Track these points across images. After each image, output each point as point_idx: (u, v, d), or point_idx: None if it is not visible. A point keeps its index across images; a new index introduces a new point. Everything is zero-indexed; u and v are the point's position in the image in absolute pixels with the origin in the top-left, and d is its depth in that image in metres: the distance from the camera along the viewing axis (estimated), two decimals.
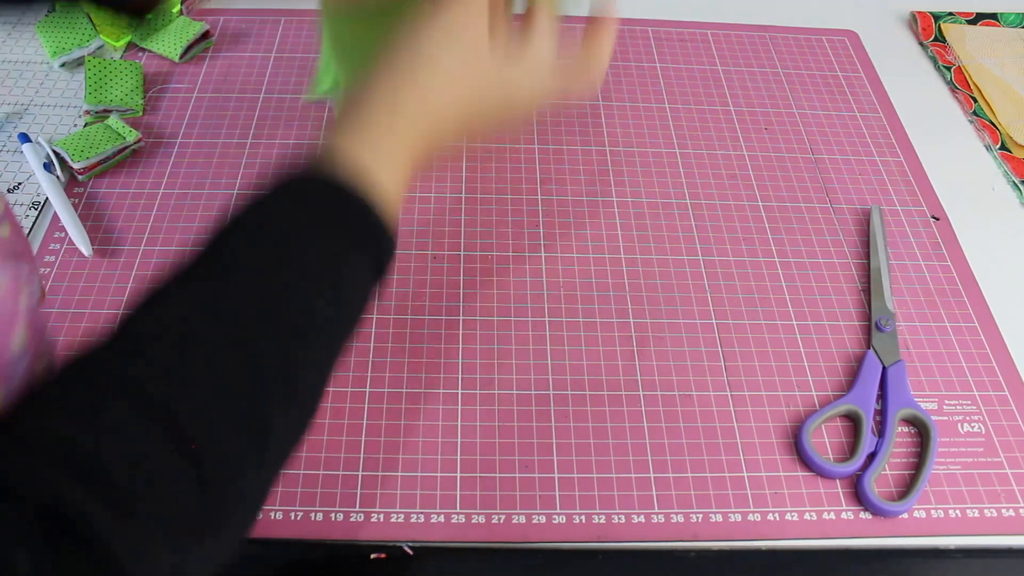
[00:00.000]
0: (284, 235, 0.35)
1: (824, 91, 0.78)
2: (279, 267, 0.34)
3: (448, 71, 0.40)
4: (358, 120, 0.39)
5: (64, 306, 0.57)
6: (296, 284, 0.34)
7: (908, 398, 0.55)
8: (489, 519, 0.49)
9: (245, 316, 0.33)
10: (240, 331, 0.32)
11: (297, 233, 0.35)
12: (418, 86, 0.39)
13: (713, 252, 0.64)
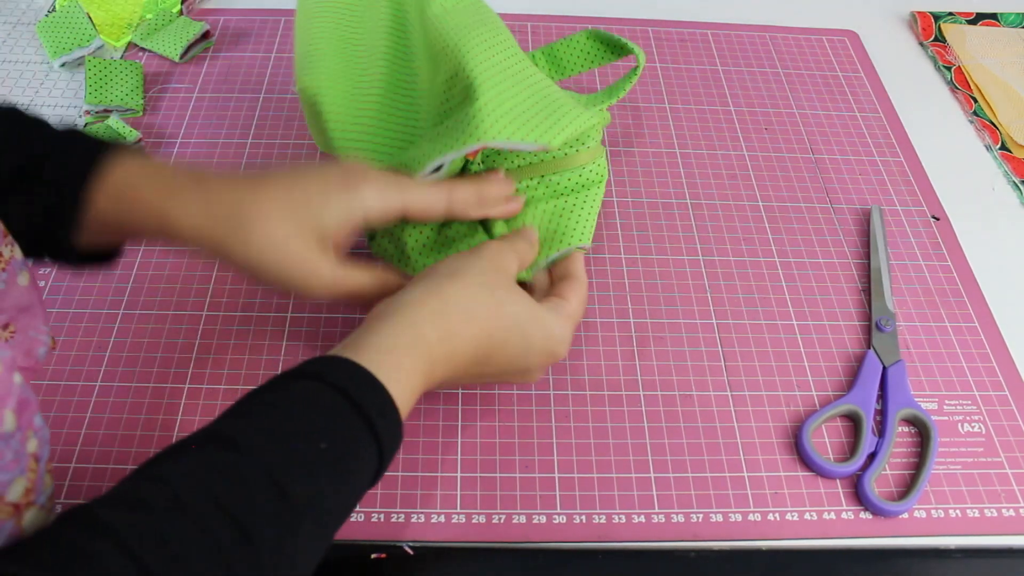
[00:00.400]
0: (299, 423, 0.36)
1: (824, 91, 0.78)
2: (290, 450, 0.35)
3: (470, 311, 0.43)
4: (382, 335, 0.41)
5: (64, 306, 0.57)
6: (303, 469, 0.35)
7: (908, 398, 0.55)
8: (489, 519, 0.49)
9: (252, 490, 0.33)
10: (245, 505, 0.32)
11: (311, 424, 0.36)
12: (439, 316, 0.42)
13: (713, 252, 0.64)
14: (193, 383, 0.54)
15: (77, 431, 0.51)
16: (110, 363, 0.54)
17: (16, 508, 0.30)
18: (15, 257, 0.38)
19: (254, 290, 0.59)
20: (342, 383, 0.37)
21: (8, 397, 0.28)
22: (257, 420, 0.36)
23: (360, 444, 0.37)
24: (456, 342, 0.42)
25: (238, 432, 0.35)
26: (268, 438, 0.35)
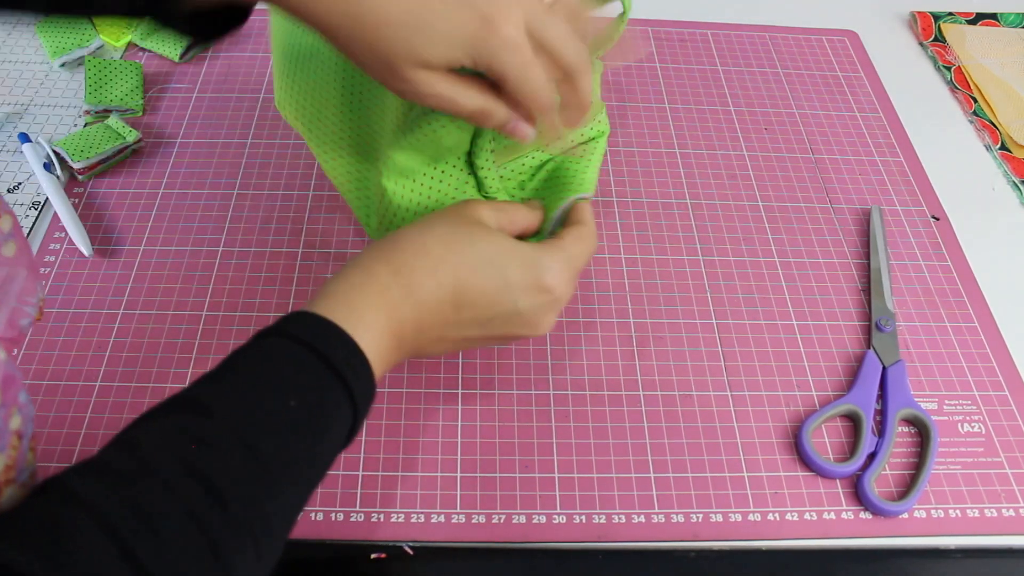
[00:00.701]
0: (266, 381, 0.36)
1: (824, 91, 0.78)
2: (258, 410, 0.34)
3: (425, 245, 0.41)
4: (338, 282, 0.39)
5: (64, 306, 0.57)
6: (273, 428, 0.34)
7: (908, 398, 0.55)
8: (489, 519, 0.49)
9: (221, 451, 0.33)
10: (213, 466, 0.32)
11: (278, 381, 0.36)
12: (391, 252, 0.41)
13: (713, 252, 0.64)
14: None
15: (77, 431, 0.51)
16: (110, 363, 0.54)
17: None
18: (0, 229, 0.38)
19: (254, 290, 0.59)
20: (306, 336, 0.37)
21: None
22: (225, 382, 0.36)
23: (330, 397, 0.36)
24: (415, 277, 0.40)
25: (206, 395, 0.35)
26: (236, 399, 0.34)
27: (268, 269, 0.60)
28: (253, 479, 0.33)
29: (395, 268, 0.40)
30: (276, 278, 0.59)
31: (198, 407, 0.34)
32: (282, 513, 0.34)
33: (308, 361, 0.36)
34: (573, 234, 0.46)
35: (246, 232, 0.62)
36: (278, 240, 0.62)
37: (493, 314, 0.42)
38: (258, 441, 0.33)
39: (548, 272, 0.43)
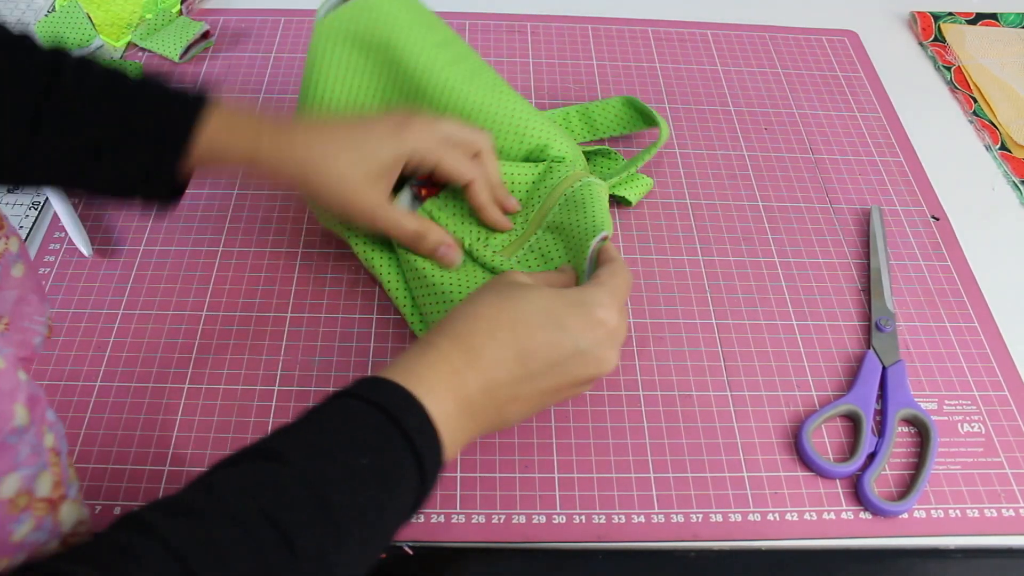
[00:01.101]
0: (340, 438, 0.37)
1: (824, 91, 0.78)
2: (332, 464, 0.35)
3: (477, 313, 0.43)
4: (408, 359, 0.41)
5: (64, 306, 0.57)
6: (345, 482, 0.35)
7: (908, 398, 0.55)
8: (489, 519, 0.49)
9: (294, 500, 0.33)
10: (285, 513, 0.33)
11: (352, 439, 0.37)
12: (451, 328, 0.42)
13: (713, 252, 0.64)
14: (193, 383, 0.54)
15: (77, 431, 0.51)
16: (110, 363, 0.54)
17: (50, 503, 0.31)
18: (9, 250, 0.38)
19: (254, 290, 0.59)
20: (380, 400, 0.38)
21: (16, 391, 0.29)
22: (301, 435, 0.37)
23: (400, 460, 0.37)
24: (475, 342, 0.41)
25: (282, 446, 0.36)
26: (311, 451, 0.36)
27: (268, 269, 0.60)
28: (322, 529, 0.33)
29: (454, 338, 0.42)
30: (276, 278, 0.59)
31: (273, 455, 0.35)
32: (345, 566, 0.34)
33: (381, 423, 0.37)
34: (607, 271, 0.48)
35: (246, 232, 0.62)
36: (278, 240, 0.62)
37: (558, 358, 0.43)
38: (329, 493, 0.34)
39: (598, 307, 0.44)
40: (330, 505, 0.34)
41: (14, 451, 0.29)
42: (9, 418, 0.28)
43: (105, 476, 0.49)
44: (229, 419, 0.52)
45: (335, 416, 0.38)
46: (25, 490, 0.29)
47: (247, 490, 0.33)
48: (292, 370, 0.55)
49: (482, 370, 0.41)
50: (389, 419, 0.37)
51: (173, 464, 0.50)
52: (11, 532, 0.29)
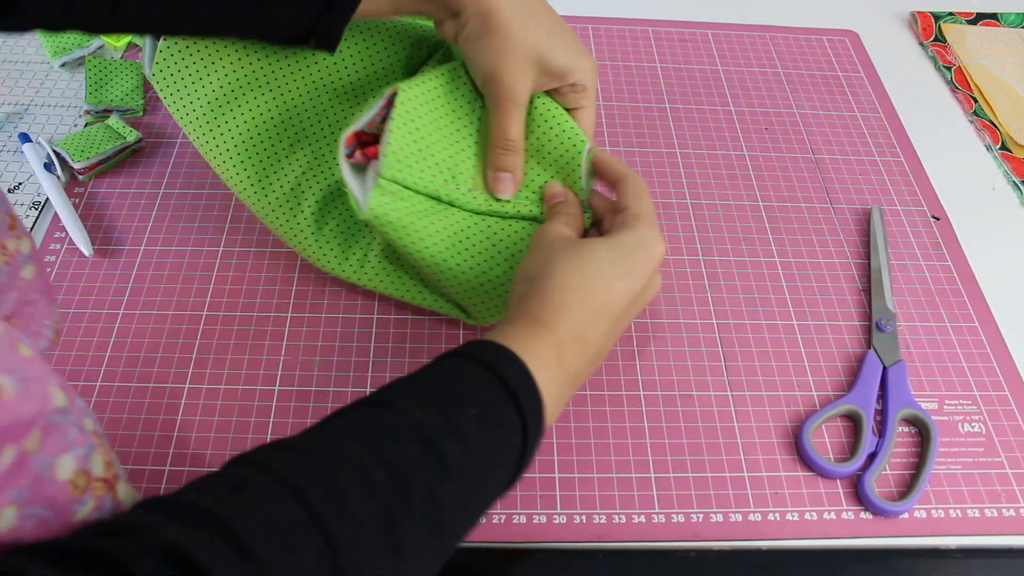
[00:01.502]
0: (448, 391, 0.37)
1: (824, 91, 0.78)
2: (441, 413, 0.36)
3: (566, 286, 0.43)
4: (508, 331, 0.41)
5: (64, 306, 0.57)
6: (454, 432, 0.36)
7: (908, 398, 0.55)
8: (489, 519, 0.49)
9: (404, 443, 0.34)
10: (397, 454, 0.34)
11: (460, 392, 0.37)
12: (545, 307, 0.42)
13: (713, 252, 0.64)
14: (193, 383, 0.54)
15: None
16: (110, 363, 0.54)
17: (107, 483, 0.31)
18: (20, 251, 0.38)
19: (254, 290, 0.59)
20: (487, 358, 0.39)
21: (48, 375, 0.29)
22: (411, 388, 0.38)
23: (506, 414, 0.37)
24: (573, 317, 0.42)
25: (392, 396, 0.37)
26: (421, 402, 0.36)
27: (268, 269, 0.60)
28: (432, 473, 0.34)
29: (553, 311, 0.42)
30: (276, 278, 0.59)
31: (384, 404, 0.36)
32: (455, 513, 0.35)
33: (488, 379, 0.38)
34: (628, 192, 0.48)
35: (246, 232, 0.62)
36: (278, 240, 0.62)
37: (633, 301, 0.45)
38: (439, 438, 0.35)
39: (653, 244, 0.45)
40: (440, 449, 0.34)
41: (63, 432, 0.29)
42: (50, 399, 0.28)
43: None
44: (229, 419, 0.52)
45: (444, 371, 0.39)
46: (82, 470, 0.30)
47: (358, 434, 0.34)
48: (292, 370, 0.55)
49: (584, 341, 0.42)
50: (496, 377, 0.38)
51: (174, 464, 0.50)
52: (73, 512, 0.29)
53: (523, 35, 0.47)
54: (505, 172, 0.51)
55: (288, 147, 0.56)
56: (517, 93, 0.49)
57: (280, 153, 0.56)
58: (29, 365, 0.28)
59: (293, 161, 0.56)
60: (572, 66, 0.49)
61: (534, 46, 0.48)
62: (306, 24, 0.49)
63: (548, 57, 0.48)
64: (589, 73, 0.50)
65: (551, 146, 0.51)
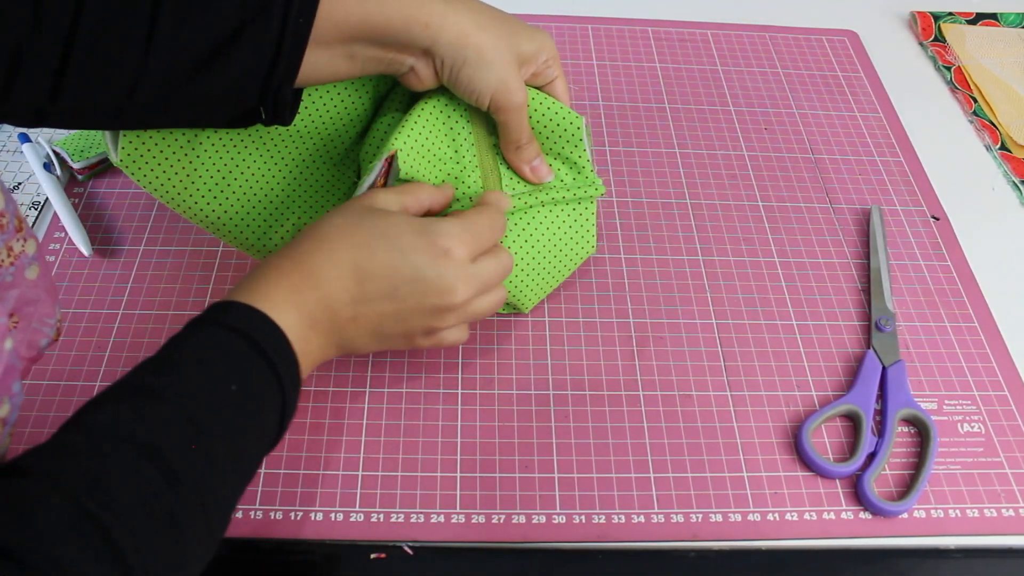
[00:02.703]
0: (210, 369, 0.38)
1: (824, 91, 0.78)
2: (204, 393, 0.37)
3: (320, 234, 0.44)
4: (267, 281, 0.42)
5: (64, 306, 0.57)
6: (217, 411, 0.37)
7: (908, 398, 0.55)
8: (489, 519, 0.49)
9: (171, 431, 0.35)
10: (165, 445, 0.34)
11: (220, 368, 0.38)
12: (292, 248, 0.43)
13: (713, 252, 0.64)
14: None
15: None
16: (110, 363, 0.54)
17: None
18: (25, 252, 0.38)
19: None
20: (238, 325, 0.39)
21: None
22: (171, 368, 0.38)
23: (263, 381, 0.39)
24: (314, 262, 0.43)
25: (154, 380, 0.37)
26: (183, 384, 0.37)
27: None
28: (202, 457, 0.35)
29: (294, 258, 0.43)
30: None
31: (147, 391, 0.36)
32: (226, 489, 0.37)
33: (242, 348, 0.39)
34: (473, 209, 0.48)
35: None
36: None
37: (397, 281, 0.43)
38: (205, 422, 0.36)
39: (442, 236, 0.44)
40: (207, 434, 0.35)
41: None
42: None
43: None
44: None
45: (201, 346, 0.39)
46: None
47: (127, 427, 0.34)
48: None
49: (319, 287, 0.42)
50: (249, 344, 0.39)
51: None
52: None
53: (496, 43, 0.48)
54: (535, 159, 0.53)
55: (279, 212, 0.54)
56: (520, 97, 0.49)
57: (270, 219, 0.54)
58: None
59: (285, 223, 0.54)
60: (537, 46, 0.50)
61: (508, 47, 0.48)
62: (252, 97, 0.45)
63: (520, 50, 0.49)
64: (549, 43, 0.51)
65: (548, 132, 0.53)
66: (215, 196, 0.52)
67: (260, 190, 0.54)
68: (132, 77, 0.42)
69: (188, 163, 0.51)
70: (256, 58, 0.43)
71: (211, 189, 0.52)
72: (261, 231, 0.54)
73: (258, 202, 0.54)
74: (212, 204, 0.53)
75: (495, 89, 0.48)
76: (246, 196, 0.53)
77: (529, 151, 0.53)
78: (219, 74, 0.43)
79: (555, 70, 0.52)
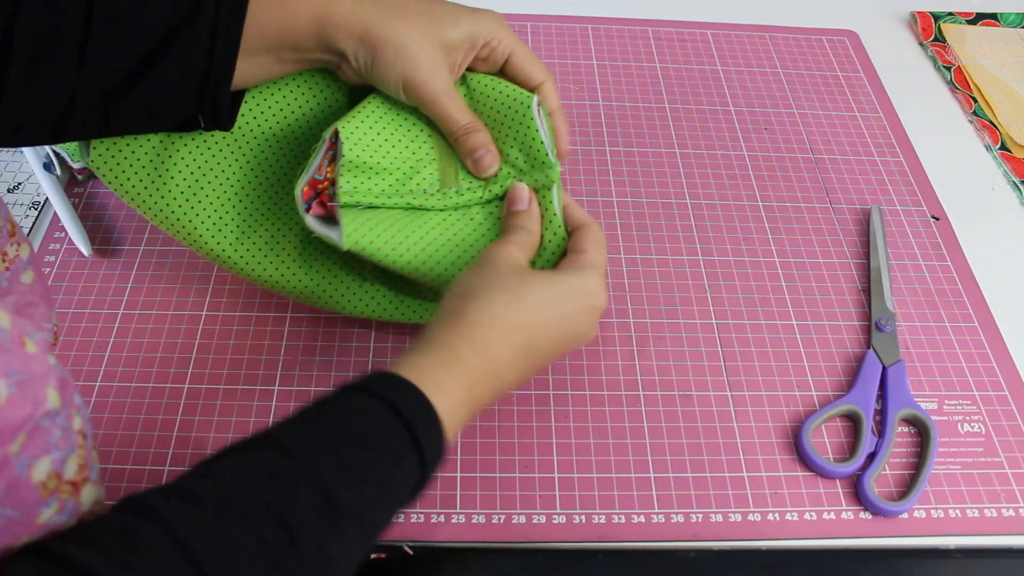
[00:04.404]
0: (348, 433, 0.37)
1: (824, 91, 0.78)
2: (338, 459, 0.36)
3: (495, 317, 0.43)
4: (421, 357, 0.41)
5: (64, 306, 0.57)
6: (350, 480, 0.35)
7: (908, 398, 0.55)
8: (489, 519, 0.49)
9: (297, 492, 0.34)
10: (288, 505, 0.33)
11: (359, 434, 0.37)
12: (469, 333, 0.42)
13: (713, 252, 0.64)
14: (193, 383, 0.54)
15: None
16: (110, 363, 0.54)
17: (74, 485, 0.31)
18: (20, 256, 0.38)
19: (254, 290, 0.59)
20: (389, 396, 0.38)
21: (48, 375, 0.29)
22: (308, 428, 0.37)
23: (404, 457, 0.37)
24: (492, 349, 0.42)
25: (290, 438, 0.36)
26: (318, 446, 0.36)
27: None
28: (324, 523, 0.34)
29: (471, 343, 0.42)
30: None
31: (280, 447, 0.35)
32: (344, 559, 0.35)
33: (389, 419, 0.37)
34: (586, 238, 0.48)
35: None
36: None
37: (560, 345, 0.45)
38: (334, 488, 0.34)
39: (596, 295, 0.45)
40: (334, 500, 0.34)
41: (47, 434, 0.29)
42: (43, 402, 0.29)
43: (105, 476, 0.49)
44: (229, 419, 0.52)
45: (345, 410, 0.38)
46: (55, 473, 0.30)
47: (253, 482, 0.33)
48: (292, 370, 0.55)
49: (493, 373, 0.42)
50: (397, 416, 0.37)
51: (173, 464, 0.50)
52: (39, 514, 0.29)
53: (408, 33, 0.47)
54: (478, 150, 0.50)
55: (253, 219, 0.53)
56: (437, 84, 0.48)
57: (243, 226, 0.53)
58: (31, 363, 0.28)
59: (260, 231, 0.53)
60: (474, 30, 0.48)
61: (426, 35, 0.47)
62: (191, 102, 0.46)
63: (446, 36, 0.48)
64: (486, 26, 0.49)
65: (499, 116, 0.51)
66: (187, 199, 0.51)
67: (235, 194, 0.52)
68: (70, 88, 0.42)
69: (160, 163, 0.51)
70: (190, 62, 0.44)
71: (183, 191, 0.51)
72: (234, 236, 0.52)
73: (232, 207, 0.52)
74: (184, 207, 0.51)
75: (404, 85, 0.48)
76: (220, 200, 0.52)
77: (468, 142, 0.50)
78: (156, 79, 0.43)
79: (505, 48, 0.50)
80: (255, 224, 0.52)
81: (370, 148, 0.49)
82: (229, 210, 0.52)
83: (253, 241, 0.52)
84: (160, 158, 0.51)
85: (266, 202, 0.53)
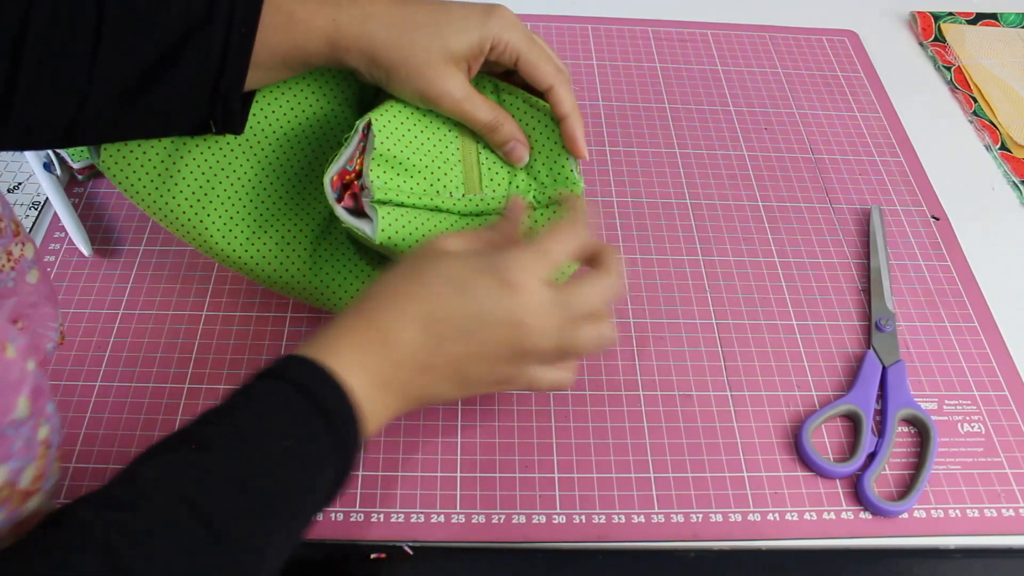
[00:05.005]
0: (264, 423, 0.37)
1: (824, 91, 0.78)
2: (255, 449, 0.36)
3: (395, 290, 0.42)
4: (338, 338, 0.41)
5: (64, 306, 0.57)
6: (268, 468, 0.36)
7: (908, 398, 0.55)
8: (489, 519, 0.49)
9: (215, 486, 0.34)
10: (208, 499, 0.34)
11: (276, 424, 0.37)
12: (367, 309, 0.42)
13: (713, 252, 0.64)
14: (193, 383, 0.54)
15: (77, 431, 0.51)
16: (110, 363, 0.54)
17: (26, 495, 0.31)
18: (24, 256, 0.38)
19: (254, 290, 0.59)
20: (299, 379, 0.38)
21: (22, 384, 0.29)
22: (226, 420, 0.37)
23: (319, 439, 0.38)
24: (383, 318, 0.41)
25: (207, 432, 0.36)
26: (235, 437, 0.36)
27: None
28: (245, 514, 0.34)
29: (360, 313, 0.42)
30: None
31: (198, 442, 0.36)
32: (270, 549, 0.35)
33: (300, 403, 0.38)
34: (548, 231, 0.44)
35: None
36: None
37: (466, 325, 0.41)
38: (252, 478, 0.35)
39: (508, 269, 0.41)
40: (253, 490, 0.35)
41: (9, 443, 0.29)
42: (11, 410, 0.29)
43: (105, 476, 0.49)
44: None
45: (259, 400, 0.38)
46: (10, 482, 0.30)
47: (171, 479, 0.34)
48: None
49: (387, 345, 0.40)
50: (307, 398, 0.38)
51: None
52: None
53: (414, 53, 0.47)
54: (508, 143, 0.51)
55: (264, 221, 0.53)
56: (454, 94, 0.48)
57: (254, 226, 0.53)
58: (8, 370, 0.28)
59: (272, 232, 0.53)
60: (481, 35, 0.48)
61: (433, 50, 0.47)
62: (202, 106, 0.46)
63: (453, 47, 0.48)
64: (501, 26, 0.48)
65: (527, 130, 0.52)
66: (198, 199, 0.51)
67: (246, 195, 0.52)
68: (81, 92, 0.42)
69: (171, 165, 0.51)
70: (202, 67, 0.44)
71: (194, 192, 0.51)
72: (244, 238, 0.52)
73: (243, 208, 0.52)
74: (195, 208, 0.51)
75: (420, 98, 0.49)
76: (230, 201, 0.52)
77: (495, 137, 0.51)
78: (167, 84, 0.43)
79: (512, 52, 0.49)
80: (266, 225, 0.53)
81: (401, 143, 0.49)
82: (240, 211, 0.52)
83: (264, 242, 0.52)
84: (170, 160, 0.51)
85: (277, 203, 0.53)
